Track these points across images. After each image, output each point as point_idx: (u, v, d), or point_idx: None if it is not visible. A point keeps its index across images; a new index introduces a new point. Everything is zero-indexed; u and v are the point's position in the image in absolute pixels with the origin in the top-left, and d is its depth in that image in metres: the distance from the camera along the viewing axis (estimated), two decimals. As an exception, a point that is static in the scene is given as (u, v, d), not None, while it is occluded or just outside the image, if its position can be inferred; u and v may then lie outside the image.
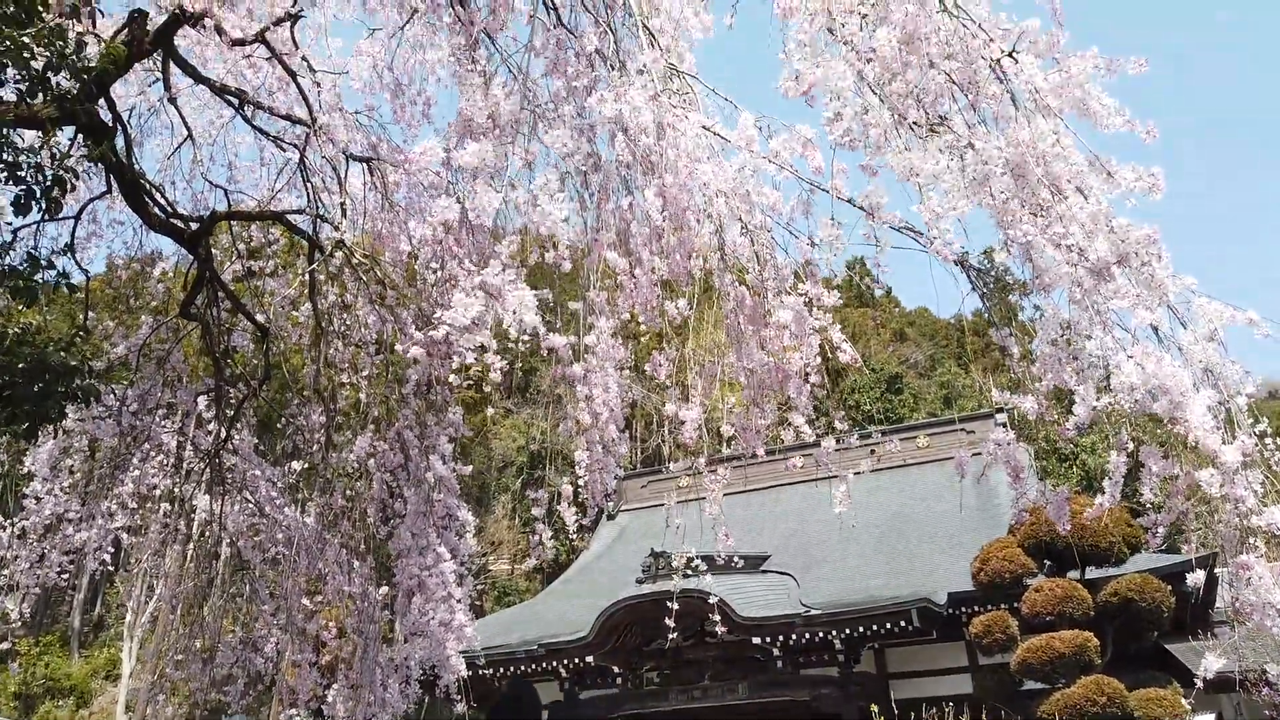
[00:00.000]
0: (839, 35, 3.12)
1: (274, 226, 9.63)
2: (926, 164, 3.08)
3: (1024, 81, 3.34)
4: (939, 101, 3.47)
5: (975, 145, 3.20)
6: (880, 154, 3.18)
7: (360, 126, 9.06)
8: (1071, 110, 3.48)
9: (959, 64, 3.42)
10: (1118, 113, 3.42)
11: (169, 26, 7.49)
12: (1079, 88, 3.41)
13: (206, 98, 9.07)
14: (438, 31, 8.22)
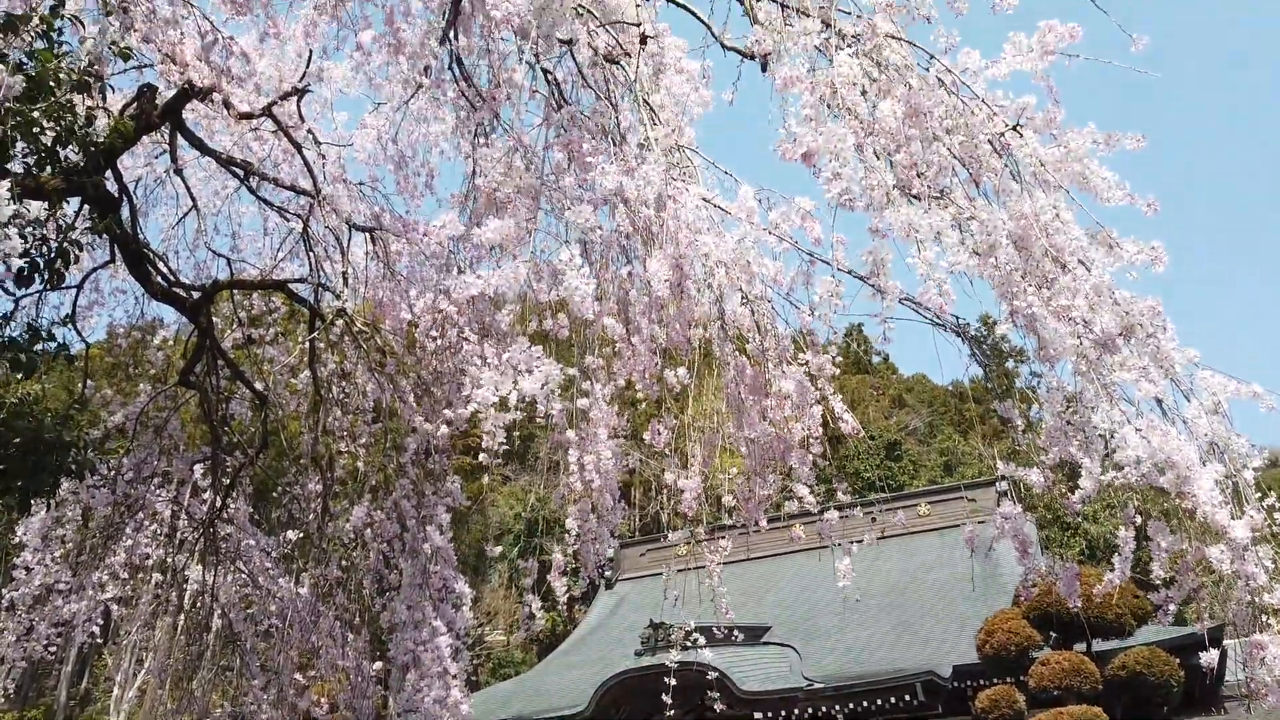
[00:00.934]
0: (842, 104, 3.16)
1: (275, 295, 9.67)
2: (927, 220, 3.09)
3: (1026, 155, 3.38)
4: (941, 175, 3.50)
5: (979, 218, 3.22)
6: (880, 214, 3.20)
7: (363, 197, 9.18)
8: (1072, 184, 3.52)
9: (961, 138, 3.47)
10: (1118, 187, 3.46)
11: (177, 101, 7.63)
12: (1078, 162, 3.46)
13: (212, 169, 9.20)
14: (442, 105, 8.39)
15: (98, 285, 8.42)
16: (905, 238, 3.12)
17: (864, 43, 3.39)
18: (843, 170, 3.10)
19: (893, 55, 3.44)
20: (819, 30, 3.32)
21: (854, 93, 3.22)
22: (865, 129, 3.23)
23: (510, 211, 3.82)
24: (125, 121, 5.00)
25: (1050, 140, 3.68)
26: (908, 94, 3.29)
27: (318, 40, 7.98)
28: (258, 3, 7.53)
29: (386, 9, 7.28)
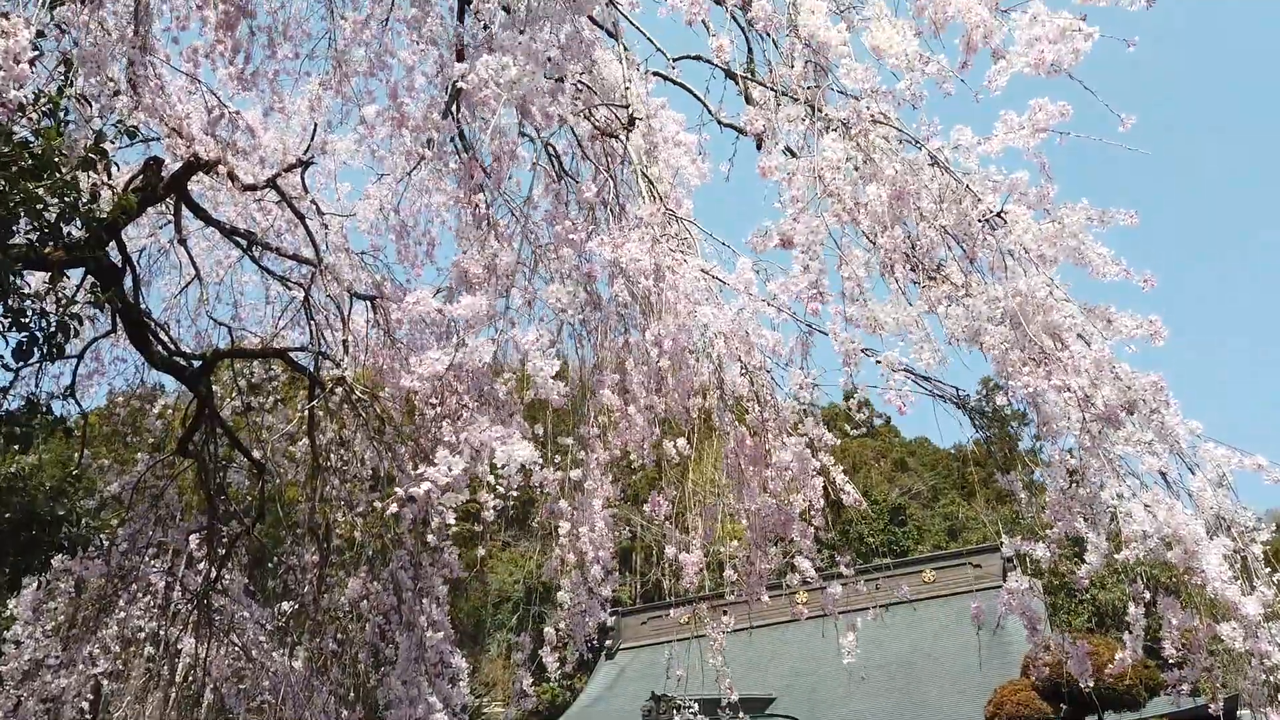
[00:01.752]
0: (827, 189, 3.20)
1: (275, 362, 9.68)
2: (894, 316, 3.10)
3: (1014, 240, 3.40)
4: (934, 250, 3.52)
5: (968, 303, 3.23)
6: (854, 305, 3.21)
7: (365, 266, 9.26)
8: (1067, 259, 3.54)
9: (952, 216, 3.49)
10: (1113, 262, 3.48)
11: (183, 173, 7.74)
12: (1073, 237, 3.47)
13: (216, 239, 9.30)
14: (443, 176, 8.51)
15: (98, 355, 8.44)
16: (871, 332, 3.13)
17: (852, 127, 3.44)
18: (811, 264, 3.11)
19: (879, 140, 3.48)
20: (807, 115, 3.37)
21: (839, 176, 3.26)
22: (851, 213, 3.25)
23: (484, 289, 3.82)
24: (129, 197, 5.05)
25: (1044, 215, 3.71)
26: (894, 177, 3.32)
27: (322, 114, 8.13)
28: (264, 79, 7.68)
29: (391, 84, 7.41)
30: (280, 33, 7.69)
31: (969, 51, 3.57)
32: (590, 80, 5.61)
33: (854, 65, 3.36)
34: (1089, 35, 3.41)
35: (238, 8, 7.25)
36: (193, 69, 7.41)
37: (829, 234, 3.31)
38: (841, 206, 3.22)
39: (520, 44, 3.29)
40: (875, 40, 3.53)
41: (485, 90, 3.21)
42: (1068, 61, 3.44)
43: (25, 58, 2.63)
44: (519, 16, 4.21)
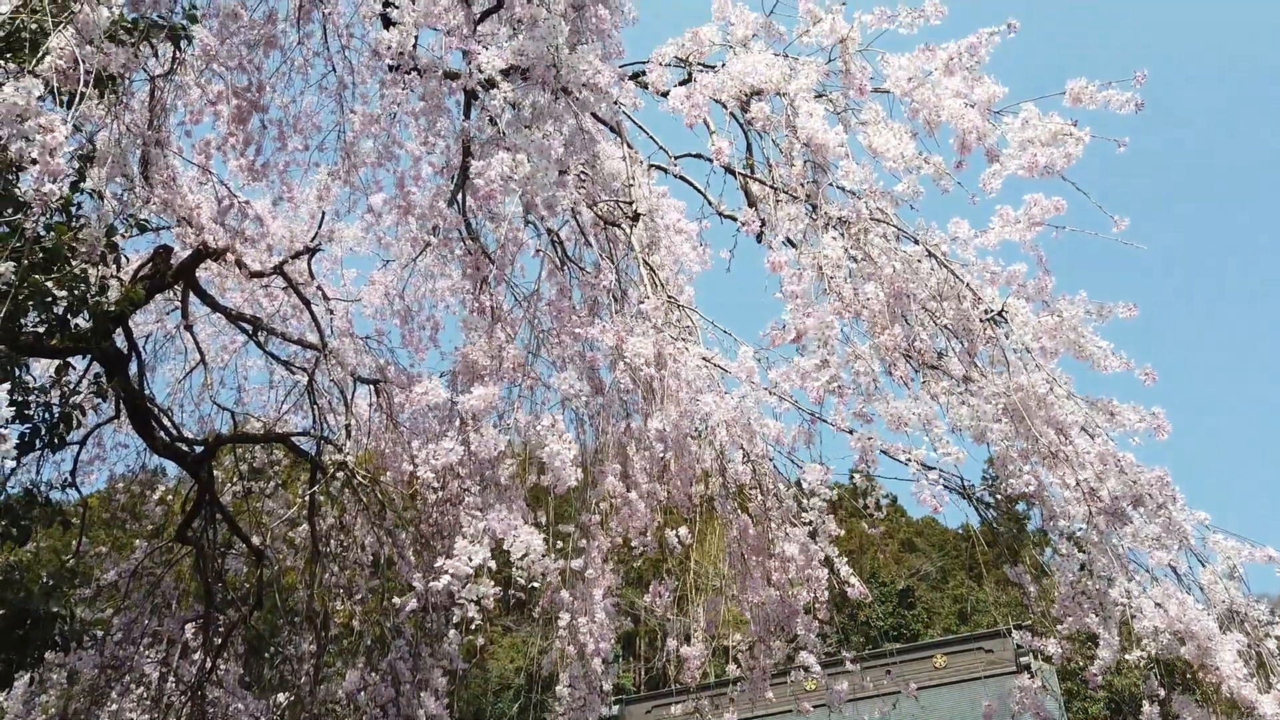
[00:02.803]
0: (829, 287, 3.24)
1: (278, 447, 9.66)
2: (915, 411, 3.11)
3: (1015, 340, 3.43)
4: (933, 345, 3.54)
5: (971, 403, 3.25)
6: (870, 401, 3.22)
7: (369, 350, 9.32)
8: (1068, 351, 3.55)
9: (952, 312, 3.53)
10: (1113, 355, 3.49)
11: (192, 261, 7.85)
12: (1072, 330, 3.50)
13: (222, 324, 9.38)
14: (449, 262, 8.63)
15: (100, 440, 8.43)
16: (895, 429, 3.14)
17: (851, 225, 3.50)
18: (830, 358, 3.14)
19: (877, 238, 3.54)
20: (807, 213, 3.44)
21: (840, 274, 3.30)
22: (851, 310, 3.29)
23: (497, 377, 3.84)
24: (137, 289, 5.12)
25: (1043, 307, 3.74)
26: (893, 275, 3.37)
27: (330, 203, 8.28)
28: (274, 169, 7.86)
29: (398, 174, 7.55)
30: (291, 126, 7.89)
31: (963, 151, 3.65)
32: (593, 171, 5.72)
33: (852, 166, 3.44)
34: (1080, 139, 3.50)
35: (250, 102, 7.45)
36: (204, 160, 7.58)
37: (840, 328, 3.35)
38: (843, 304, 3.25)
39: (534, 142, 3.37)
40: (873, 143, 3.62)
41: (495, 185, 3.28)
42: (1060, 164, 3.52)
43: (62, 153, 2.70)
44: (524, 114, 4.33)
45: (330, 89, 7.96)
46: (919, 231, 3.77)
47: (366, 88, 8.14)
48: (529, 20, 3.51)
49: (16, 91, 2.52)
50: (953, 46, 3.72)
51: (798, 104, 3.56)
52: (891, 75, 3.78)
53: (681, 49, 4.02)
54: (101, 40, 2.85)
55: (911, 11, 3.81)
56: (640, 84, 4.49)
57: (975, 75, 3.68)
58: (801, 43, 3.99)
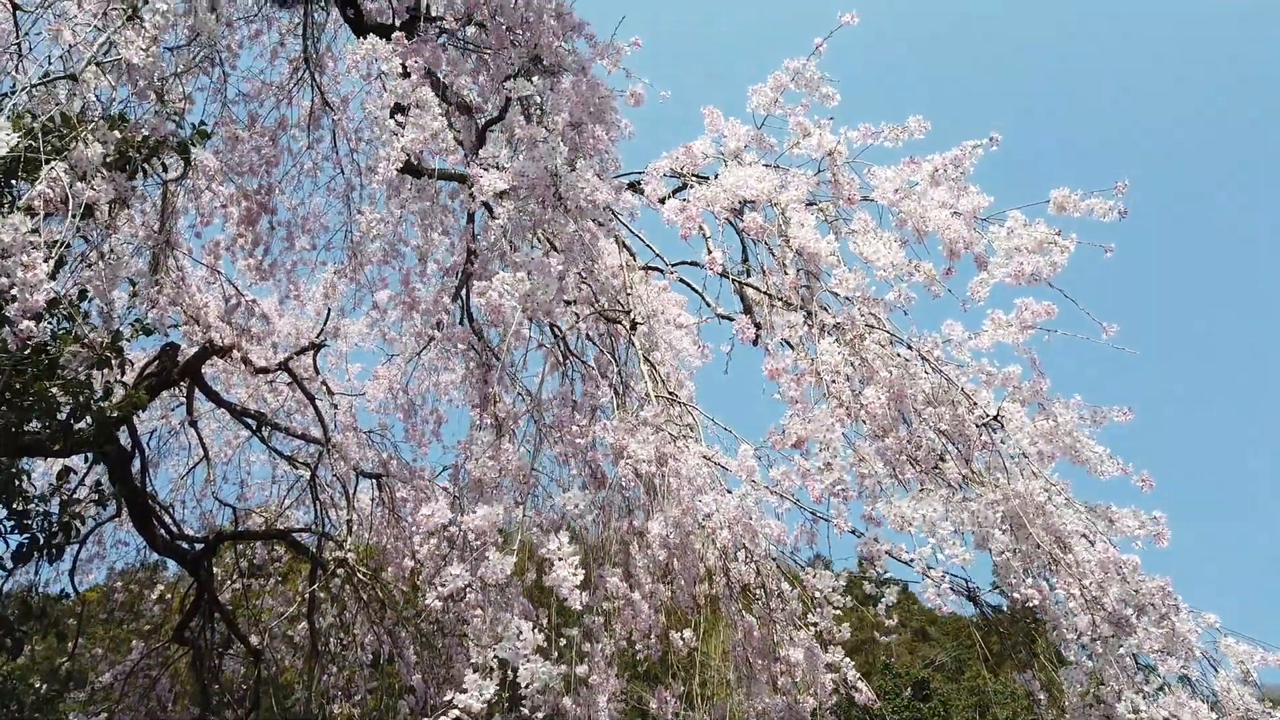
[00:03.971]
0: (828, 392, 3.27)
1: (278, 543, 9.59)
2: (921, 511, 3.09)
3: (1012, 445, 3.44)
4: (931, 455, 3.54)
5: (971, 508, 3.23)
6: (875, 503, 3.21)
7: (372, 444, 9.33)
8: (1064, 456, 3.55)
9: (947, 417, 3.54)
10: (1110, 460, 3.49)
11: (197, 359, 7.93)
12: (1068, 435, 3.50)
13: (226, 419, 9.42)
14: (452, 356, 8.72)
15: (100, 538, 8.39)
16: (899, 530, 3.12)
17: (845, 332, 3.55)
18: (833, 460, 3.15)
19: (873, 344, 3.58)
20: (803, 321, 3.48)
21: (839, 380, 3.33)
22: (852, 413, 3.31)
23: (498, 496, 3.84)
24: (140, 394, 5.16)
25: (1039, 410, 3.75)
26: (891, 380, 3.40)
27: (337, 300, 8.42)
28: (282, 269, 8.01)
29: (403, 271, 7.68)
30: (299, 226, 8.08)
31: (952, 258, 3.72)
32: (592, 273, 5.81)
33: (845, 274, 3.50)
34: (1065, 247, 3.56)
35: (260, 204, 7.64)
36: (213, 261, 7.74)
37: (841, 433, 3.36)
38: (845, 410, 3.27)
39: (533, 259, 3.45)
40: (863, 251, 3.69)
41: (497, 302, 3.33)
42: (1047, 273, 3.58)
43: (41, 290, 2.75)
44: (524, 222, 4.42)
45: (338, 190, 8.18)
46: (912, 338, 3.81)
47: (374, 189, 8.37)
48: (528, 141, 3.62)
49: (4, 228, 2.59)
50: (937, 159, 3.82)
51: (789, 213, 3.65)
52: (879, 186, 3.88)
53: (675, 161, 4.14)
54: (95, 174, 2.93)
55: (895, 128, 3.93)
56: (637, 191, 4.60)
57: (960, 185, 3.78)
58: (791, 154, 4.10)
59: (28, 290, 2.67)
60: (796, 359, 3.62)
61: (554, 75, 4.30)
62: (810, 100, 4.17)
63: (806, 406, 3.34)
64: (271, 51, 7.57)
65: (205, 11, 3.53)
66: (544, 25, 4.24)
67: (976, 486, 3.46)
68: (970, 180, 3.80)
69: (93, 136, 2.95)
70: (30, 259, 2.69)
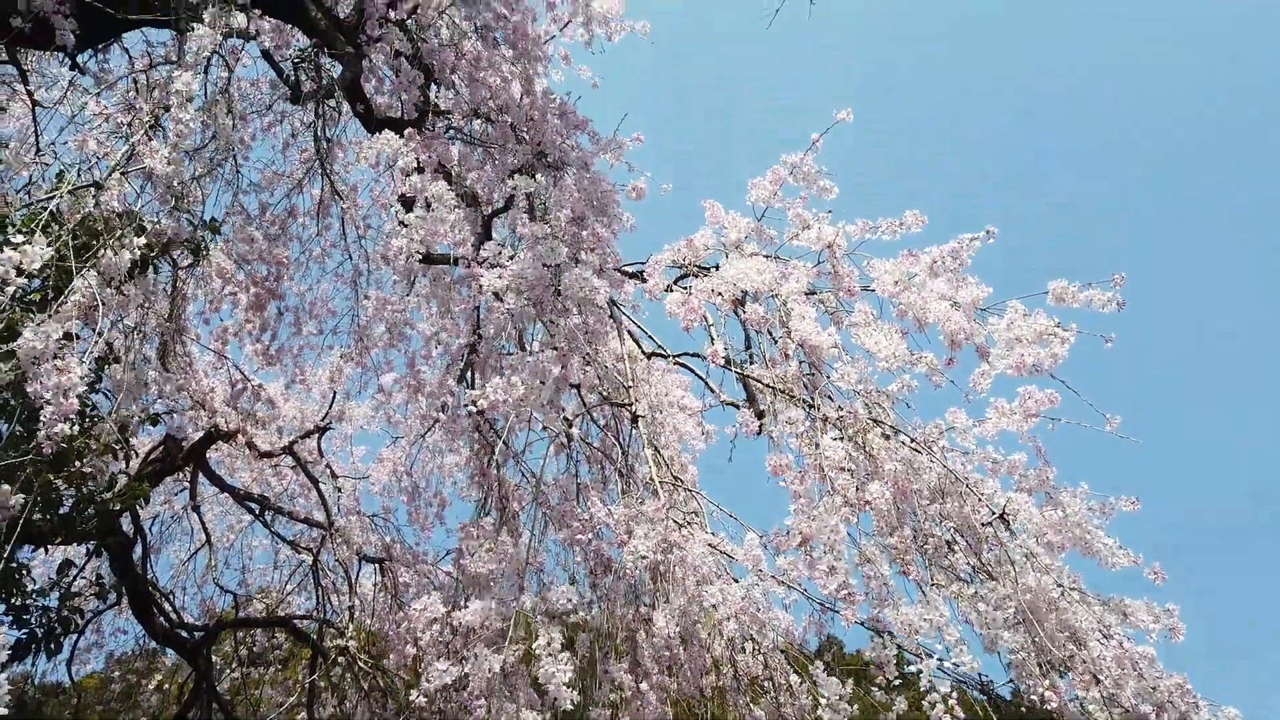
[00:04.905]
0: (832, 488, 3.25)
1: (279, 630, 9.45)
2: (929, 619, 3.04)
3: (1020, 543, 3.41)
4: (940, 554, 3.51)
5: (980, 608, 3.19)
6: (883, 606, 3.17)
7: (375, 528, 9.27)
8: (1073, 547, 3.51)
9: (954, 512, 3.52)
10: (1121, 552, 3.45)
11: (202, 444, 7.94)
12: (1078, 526, 3.47)
13: (229, 504, 9.38)
14: (457, 438, 8.71)
15: (99, 627, 8.27)
16: (908, 636, 3.07)
17: (848, 426, 3.55)
18: (838, 564, 3.12)
19: (877, 438, 3.59)
20: (806, 416, 3.49)
21: (843, 476, 3.33)
22: (856, 510, 3.30)
23: (494, 592, 3.81)
24: (143, 485, 5.16)
25: (1046, 499, 3.72)
26: (895, 474, 3.39)
27: (342, 384, 8.46)
28: (289, 354, 8.07)
29: (409, 354, 7.73)
30: (307, 311, 8.17)
31: (953, 348, 3.74)
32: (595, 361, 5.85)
33: (847, 368, 3.53)
34: (1065, 338, 3.58)
35: (268, 290, 7.74)
36: (221, 346, 7.81)
37: (846, 532, 3.33)
38: (849, 506, 3.26)
39: (528, 364, 3.48)
40: (865, 343, 3.73)
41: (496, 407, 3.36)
42: (1048, 364, 3.60)
43: (75, 394, 2.78)
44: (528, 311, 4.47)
45: (346, 276, 8.29)
46: (916, 429, 3.82)
47: (381, 274, 8.49)
48: (530, 239, 3.69)
49: (36, 335, 2.64)
50: (935, 251, 3.88)
51: (790, 305, 3.68)
52: (879, 278, 3.93)
53: (677, 254, 4.20)
54: (122, 281, 3.00)
55: (892, 222, 4.01)
56: (639, 280, 4.65)
57: (959, 277, 3.82)
58: (791, 245, 4.17)
59: (61, 394, 2.70)
60: (800, 449, 3.62)
61: (557, 170, 4.40)
62: (808, 193, 4.26)
63: (810, 502, 3.32)
64: (284, 143, 7.76)
65: (223, 116, 3.64)
66: (548, 123, 4.35)
67: (987, 580, 3.41)
68: (969, 272, 3.85)
69: (120, 243, 3.02)
70: (65, 363, 2.73)
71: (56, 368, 2.64)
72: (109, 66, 5.45)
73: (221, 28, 3.79)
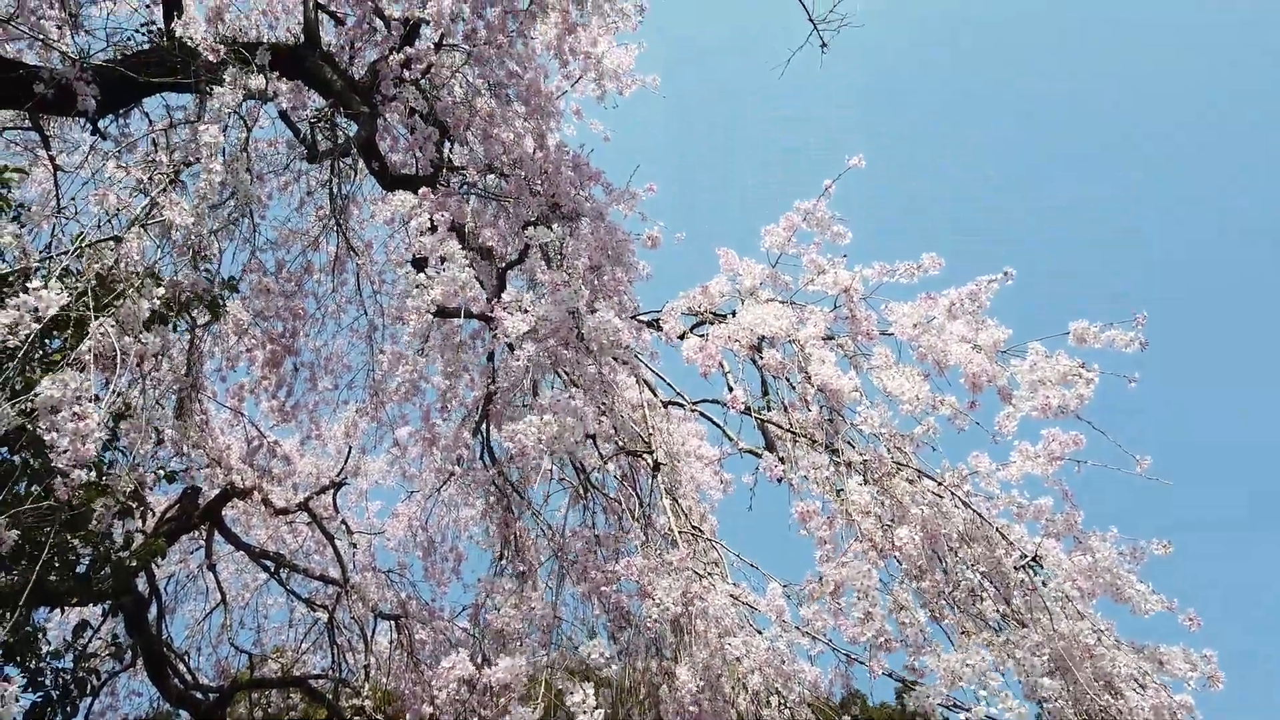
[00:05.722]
0: (860, 533, 3.20)
1: (294, 690, 9.32)
2: (970, 666, 2.96)
3: (1053, 589, 3.33)
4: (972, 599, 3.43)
5: (1016, 654, 3.11)
6: (919, 654, 3.09)
7: (391, 584, 9.18)
8: (1104, 593, 3.43)
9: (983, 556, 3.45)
10: (1154, 597, 3.36)
11: (218, 502, 7.93)
12: (1108, 572, 3.39)
13: (244, 562, 9.32)
14: (472, 491, 8.66)
15: (114, 689, 8.18)
16: (950, 685, 2.99)
17: (872, 470, 3.51)
18: (874, 610, 3.06)
19: (902, 482, 3.54)
20: (828, 464, 3.46)
21: (869, 520, 3.27)
22: (883, 554, 3.24)
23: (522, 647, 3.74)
24: (159, 543, 5.13)
25: (1074, 543, 3.65)
26: (923, 518, 3.33)
27: (358, 439, 8.46)
28: (304, 409, 8.09)
29: (424, 408, 7.73)
30: (322, 367, 8.21)
31: (975, 390, 3.71)
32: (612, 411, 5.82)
33: (870, 412, 3.49)
34: (1090, 379, 3.55)
35: (284, 347, 7.78)
36: (237, 404, 7.83)
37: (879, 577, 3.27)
38: (876, 551, 3.20)
39: (560, 402, 3.46)
40: (886, 387, 3.70)
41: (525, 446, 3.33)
42: (1073, 405, 3.55)
43: (92, 441, 2.78)
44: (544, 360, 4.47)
45: (361, 331, 8.35)
46: (942, 473, 3.76)
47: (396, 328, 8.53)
48: (551, 285, 3.70)
49: (53, 384, 2.64)
50: (953, 293, 3.87)
51: (808, 350, 3.67)
52: (896, 321, 3.91)
53: (693, 301, 4.20)
54: (140, 330, 3.01)
55: (909, 265, 4.00)
56: (655, 328, 4.65)
57: (979, 319, 3.80)
58: (807, 290, 4.17)
59: (79, 440, 2.70)
60: (824, 495, 3.57)
61: (573, 221, 4.43)
62: (823, 238, 4.27)
63: (836, 547, 3.26)
64: (300, 201, 7.86)
65: (242, 173, 3.69)
66: (562, 176, 4.39)
67: (1018, 627, 3.33)
68: (988, 314, 3.83)
69: (139, 293, 3.04)
70: (83, 409, 2.74)
71: (75, 414, 2.64)
72: (130, 130, 5.56)
73: (241, 89, 3.86)
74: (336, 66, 5.74)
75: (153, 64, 4.17)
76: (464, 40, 5.59)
